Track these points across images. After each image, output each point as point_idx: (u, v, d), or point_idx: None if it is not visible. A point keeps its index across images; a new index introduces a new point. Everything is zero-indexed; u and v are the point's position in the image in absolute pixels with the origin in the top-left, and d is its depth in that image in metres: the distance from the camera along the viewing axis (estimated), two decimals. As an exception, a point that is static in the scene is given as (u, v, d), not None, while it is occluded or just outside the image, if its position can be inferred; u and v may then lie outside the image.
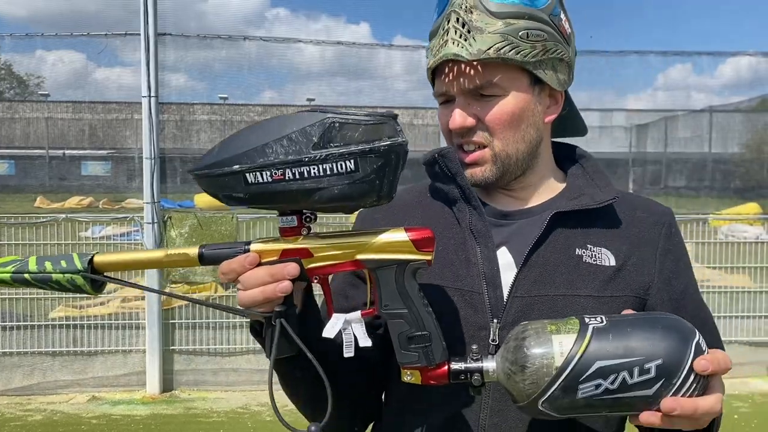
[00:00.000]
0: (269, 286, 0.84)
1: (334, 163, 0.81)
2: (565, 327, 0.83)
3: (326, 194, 0.82)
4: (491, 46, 0.95)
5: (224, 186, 0.83)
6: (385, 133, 0.82)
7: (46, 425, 4.38)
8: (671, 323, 0.82)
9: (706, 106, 14.66)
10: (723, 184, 15.17)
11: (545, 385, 0.80)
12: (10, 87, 28.95)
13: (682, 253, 1.09)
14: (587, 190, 1.06)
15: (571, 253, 1.02)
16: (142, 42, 4.93)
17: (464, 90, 1.00)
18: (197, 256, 0.88)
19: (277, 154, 0.81)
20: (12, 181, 21.24)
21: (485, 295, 1.00)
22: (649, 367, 0.78)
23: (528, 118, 1.02)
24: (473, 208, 1.04)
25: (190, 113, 13.84)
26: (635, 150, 20.23)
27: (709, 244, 5.77)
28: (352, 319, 0.88)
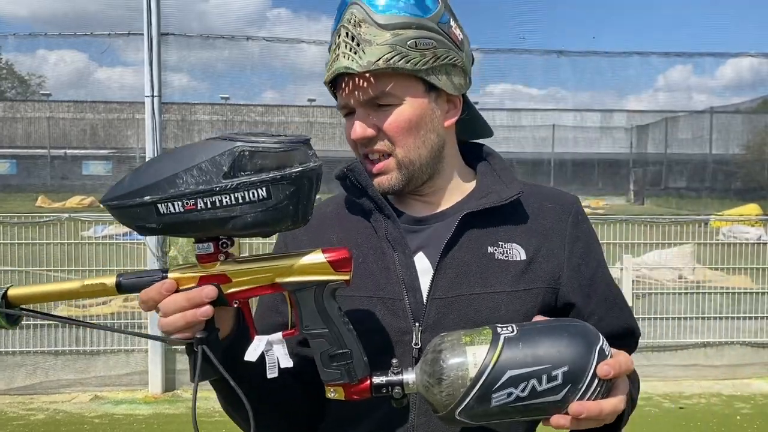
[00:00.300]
0: (189, 312, 0.85)
1: (246, 192, 0.80)
2: (479, 338, 0.86)
3: (240, 222, 0.82)
4: (380, 57, 0.98)
5: (136, 217, 0.83)
6: (297, 159, 0.82)
7: (49, 424, 4.39)
8: (577, 330, 0.86)
9: (707, 107, 14.66)
10: (724, 185, 15.19)
11: (461, 396, 0.84)
12: (12, 86, 28.98)
13: (589, 239, 1.13)
14: (494, 188, 1.10)
15: (483, 252, 1.05)
16: (145, 42, 4.95)
17: (361, 101, 1.03)
18: (114, 285, 0.87)
19: (187, 185, 0.80)
20: (14, 181, 21.25)
21: (405, 300, 1.03)
22: (557, 374, 0.83)
23: (426, 123, 1.05)
24: (387, 217, 1.07)
25: (191, 113, 13.86)
26: (636, 151, 20.25)
27: (710, 245, 5.78)
28: (273, 341, 0.90)
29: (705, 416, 4.57)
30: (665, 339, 5.40)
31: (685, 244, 5.81)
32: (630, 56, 6.06)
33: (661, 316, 5.44)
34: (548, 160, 18.21)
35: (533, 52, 5.89)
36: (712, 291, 5.57)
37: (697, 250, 5.85)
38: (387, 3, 0.99)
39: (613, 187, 22.57)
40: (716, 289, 5.58)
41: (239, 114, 17.58)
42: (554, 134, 17.98)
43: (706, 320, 5.47)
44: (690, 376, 5.36)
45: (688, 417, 4.56)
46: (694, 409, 4.73)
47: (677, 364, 5.38)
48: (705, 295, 5.54)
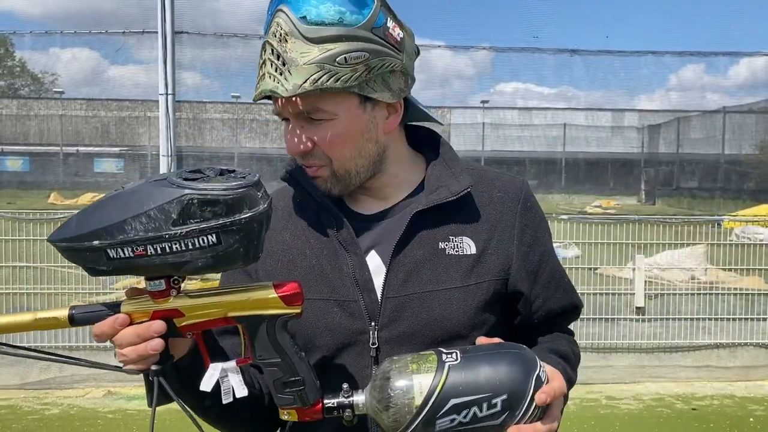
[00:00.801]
0: (140, 346, 0.87)
1: (196, 239, 0.80)
2: (425, 365, 0.91)
3: (190, 267, 0.82)
4: (307, 78, 0.94)
5: (86, 259, 0.83)
6: (246, 205, 0.81)
7: (63, 419, 4.43)
8: (517, 358, 0.92)
9: (720, 107, 14.57)
10: (737, 186, 15.09)
11: (407, 422, 0.89)
12: (25, 84, 29.20)
13: (538, 224, 1.13)
14: (444, 181, 1.08)
15: (435, 248, 1.05)
16: (160, 39, 4.97)
17: (295, 114, 1.01)
18: (67, 318, 0.88)
19: (136, 231, 0.80)
20: (27, 178, 21.41)
21: (361, 302, 1.04)
22: (496, 402, 0.89)
23: (363, 134, 1.03)
24: (334, 218, 1.07)
25: (203, 111, 13.91)
26: (648, 151, 20.15)
27: (722, 245, 5.74)
28: (228, 369, 0.91)
29: (718, 418, 4.55)
30: (677, 340, 5.37)
31: (698, 244, 5.78)
32: (644, 55, 6.03)
33: (673, 316, 5.42)
34: (560, 160, 18.16)
35: (546, 51, 5.88)
36: (724, 292, 5.54)
37: (709, 250, 5.82)
38: (316, 12, 0.94)
39: (625, 186, 22.48)
40: (729, 290, 5.54)
41: (250, 113, 17.63)
42: (565, 133, 17.93)
43: (718, 321, 5.44)
44: (702, 378, 5.33)
45: (700, 418, 4.54)
46: (706, 410, 4.71)
47: (689, 365, 5.35)
48: (718, 295, 5.51)
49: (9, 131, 20.59)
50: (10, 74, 29.42)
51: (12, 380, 5.00)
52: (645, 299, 5.40)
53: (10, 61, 28.63)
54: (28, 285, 5.22)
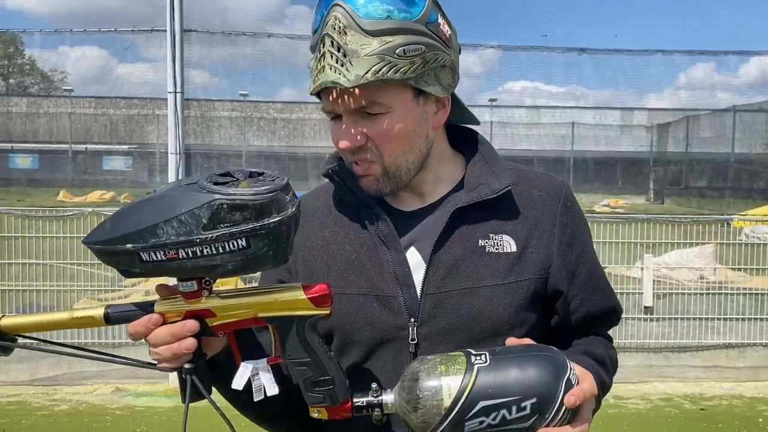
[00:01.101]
0: (174, 345, 0.88)
1: (226, 243, 0.82)
2: (454, 366, 0.91)
3: (221, 270, 0.84)
4: (368, 69, 0.95)
5: (120, 262, 0.85)
6: (274, 210, 0.83)
7: (72, 415, 4.45)
8: (547, 361, 0.91)
9: (730, 106, 14.49)
10: (747, 185, 15.00)
11: (436, 423, 0.89)
12: (35, 82, 29.36)
13: (578, 224, 1.13)
14: (484, 179, 1.09)
15: (475, 245, 1.05)
16: (168, 38, 4.98)
17: (349, 110, 1.01)
18: (102, 317, 0.90)
19: (168, 235, 0.82)
20: (36, 175, 21.53)
21: (400, 297, 1.04)
22: (525, 405, 0.88)
23: (416, 129, 1.04)
24: (375, 214, 1.07)
25: (211, 109, 13.95)
26: (656, 150, 20.06)
27: (732, 245, 5.71)
28: (260, 368, 0.93)
29: (726, 418, 4.53)
30: (686, 339, 5.35)
31: (707, 244, 5.75)
32: (653, 54, 6.00)
33: (682, 316, 5.39)
34: (568, 159, 18.10)
35: (555, 49, 5.86)
36: (734, 292, 5.51)
37: (718, 250, 5.78)
38: (373, 6, 0.95)
39: (634, 185, 22.39)
40: (738, 290, 5.51)
41: (258, 111, 17.68)
42: (574, 132, 17.87)
43: (727, 321, 5.41)
44: (711, 378, 5.31)
45: (709, 418, 4.52)
46: (715, 410, 4.69)
47: (698, 365, 5.32)
48: (727, 295, 5.48)
49: (19, 129, 20.71)
50: (20, 72, 29.60)
51: (21, 376, 5.03)
52: (653, 299, 5.37)
53: (19, 60, 28.77)
54: (37, 282, 5.25)
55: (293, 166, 16.57)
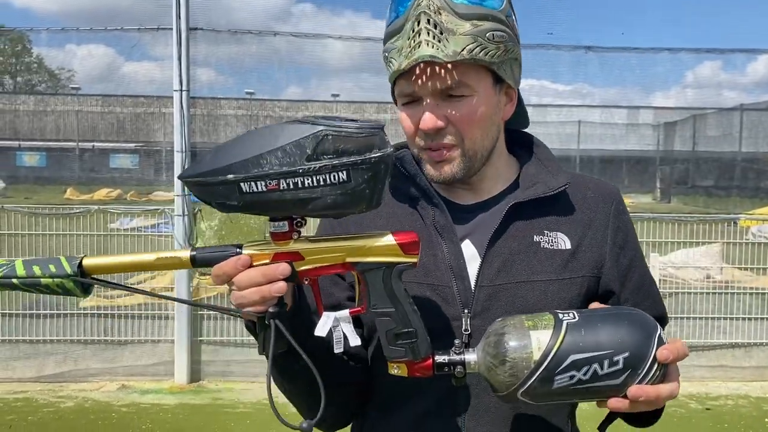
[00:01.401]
0: (264, 287, 0.87)
1: (328, 175, 0.83)
2: (541, 322, 0.90)
3: (320, 204, 0.84)
4: (464, 47, 0.98)
5: (218, 194, 0.85)
6: (376, 145, 0.84)
7: (78, 412, 4.48)
8: (637, 318, 0.90)
9: (737, 105, 14.42)
10: (754, 184, 14.92)
11: (524, 377, 0.87)
12: (42, 80, 29.47)
13: (629, 229, 1.15)
14: (541, 178, 1.11)
15: (530, 241, 1.07)
16: (174, 36, 5.00)
17: (435, 91, 1.02)
18: (189, 259, 0.89)
19: (271, 165, 0.83)
20: (44, 173, 21.63)
21: (454, 287, 1.05)
22: (618, 360, 0.86)
23: (493, 116, 1.06)
24: (435, 205, 1.09)
25: (217, 108, 13.96)
26: (663, 148, 19.98)
27: (738, 244, 5.68)
28: (341, 318, 0.92)
29: (732, 418, 4.51)
30: (692, 339, 5.32)
31: (713, 243, 5.72)
32: (659, 52, 5.97)
33: (688, 315, 5.37)
34: (574, 157, 18.04)
35: (561, 47, 5.84)
36: (740, 291, 5.48)
37: (725, 249, 5.76)
38: None
39: (640, 184, 22.31)
40: (745, 290, 5.49)
41: (264, 109, 17.71)
42: (580, 130, 17.82)
43: (734, 321, 5.39)
44: (717, 377, 5.29)
45: (715, 418, 4.50)
46: (721, 410, 4.67)
47: (704, 365, 5.30)
48: (733, 295, 5.45)
49: (26, 127, 20.80)
50: (28, 71, 29.71)
51: (28, 373, 5.06)
52: (659, 298, 5.35)
53: (27, 58, 28.88)
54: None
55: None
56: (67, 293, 0.89)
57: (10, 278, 0.88)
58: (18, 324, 5.10)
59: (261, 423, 4.28)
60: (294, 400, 1.08)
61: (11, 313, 5.12)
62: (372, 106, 21.72)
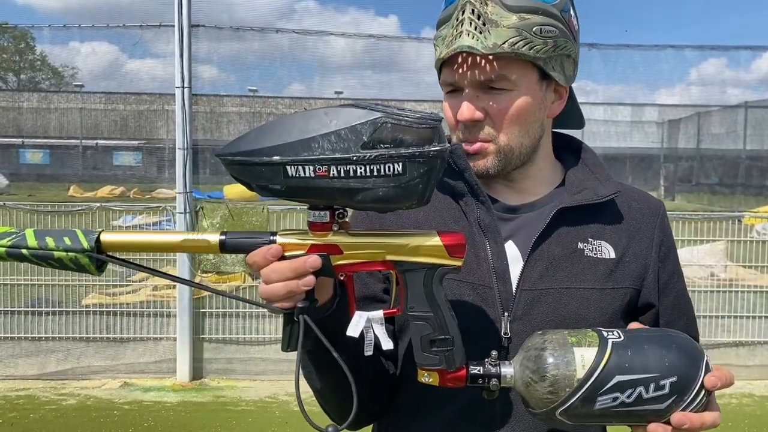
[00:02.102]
0: (292, 282, 0.83)
1: (383, 165, 0.78)
2: (585, 339, 0.86)
3: (370, 195, 0.79)
4: (506, 40, 0.95)
5: (260, 176, 0.80)
6: (435, 138, 0.79)
7: (80, 410, 4.48)
8: (684, 342, 0.87)
9: (741, 102, 14.34)
10: (758, 182, 14.85)
11: (566, 395, 0.83)
12: (46, 78, 29.49)
13: (671, 244, 1.14)
14: (589, 184, 1.09)
15: (574, 247, 1.05)
16: (176, 33, 4.98)
17: (475, 82, 1.01)
18: (218, 243, 0.84)
19: (323, 150, 0.77)
20: (47, 170, 21.66)
21: (495, 289, 1.03)
22: (664, 384, 0.83)
23: (534, 113, 1.03)
24: (481, 203, 1.06)
25: (220, 105, 13.94)
26: (667, 146, 19.90)
27: (743, 242, 5.65)
28: (374, 319, 0.87)
29: (736, 417, 4.49)
30: (696, 337, 5.30)
31: (718, 241, 5.69)
32: (663, 49, 5.94)
33: (691, 314, 5.35)
34: (577, 155, 17.98)
35: (564, 44, 5.79)
36: (744, 289, 5.45)
37: (729, 247, 5.72)
38: None
39: (644, 182, 22.21)
40: (749, 288, 5.46)
41: (267, 106, 17.67)
42: (584, 128, 17.76)
43: (738, 319, 5.36)
44: (721, 376, 5.26)
45: (718, 417, 4.48)
46: (725, 409, 4.63)
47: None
48: (737, 293, 5.43)
49: (30, 124, 20.81)
50: (31, 68, 29.75)
51: (30, 370, 5.06)
52: (663, 296, 5.32)
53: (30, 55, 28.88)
54: (45, 276, 5.27)
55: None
56: (81, 269, 0.85)
57: (19, 248, 0.83)
58: (20, 321, 5.10)
59: (263, 421, 4.27)
60: (322, 399, 1.04)
61: (13, 311, 5.12)
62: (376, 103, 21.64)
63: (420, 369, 0.89)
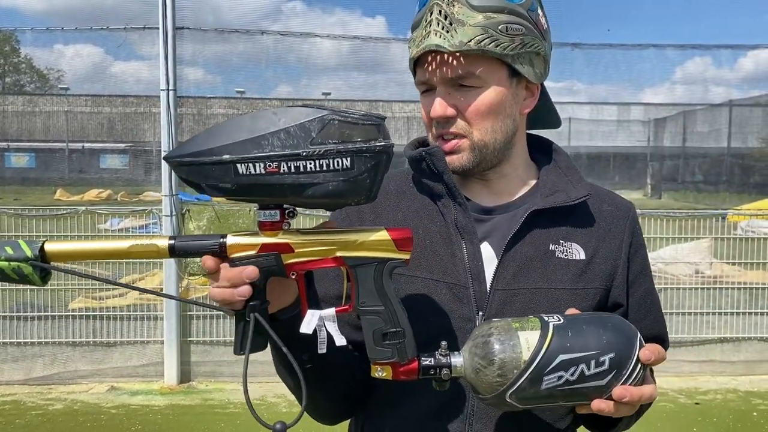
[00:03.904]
0: (227, 290, 0.84)
1: (331, 160, 0.80)
2: (528, 324, 0.90)
3: (320, 190, 0.81)
4: (472, 38, 0.99)
5: (209, 175, 0.81)
6: (380, 134, 0.83)
7: (67, 414, 4.45)
8: (619, 322, 0.93)
9: (726, 100, 14.48)
10: (742, 179, 15.01)
11: (514, 377, 0.87)
12: (31, 81, 29.26)
13: (641, 244, 1.17)
14: (561, 186, 1.12)
15: (545, 249, 1.08)
16: (161, 35, 4.97)
17: (445, 80, 1.04)
18: (168, 248, 0.84)
19: (273, 147, 0.79)
20: (32, 174, 21.49)
21: (471, 288, 1.05)
22: (604, 360, 0.88)
23: (505, 109, 1.06)
24: (458, 204, 1.08)
25: (207, 107, 13.90)
26: (653, 144, 20.05)
27: (727, 239, 5.71)
28: (326, 317, 0.89)
29: (721, 412, 4.54)
30: (681, 334, 5.35)
31: (702, 238, 5.75)
32: (646, 49, 5.99)
33: (677, 311, 5.40)
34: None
35: (548, 44, 5.83)
36: (729, 286, 5.51)
37: (714, 244, 5.78)
38: None
39: (630, 180, 22.39)
40: (733, 284, 5.52)
41: (254, 108, 17.62)
42: (570, 127, 17.85)
43: (723, 315, 5.42)
44: (706, 372, 5.32)
45: (704, 413, 4.52)
46: (710, 405, 4.70)
47: (693, 360, 5.33)
48: (722, 290, 5.48)
49: (15, 128, 20.64)
50: (16, 71, 29.51)
51: (16, 375, 5.03)
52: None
53: (15, 58, 28.66)
54: (31, 281, 5.22)
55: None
56: (24, 279, 0.83)
57: None
58: (5, 326, 5.06)
59: (251, 423, 4.26)
60: (297, 395, 1.05)
61: (-2, 316, 5.09)
62: (363, 104, 21.69)
63: (373, 364, 0.91)
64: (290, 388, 1.05)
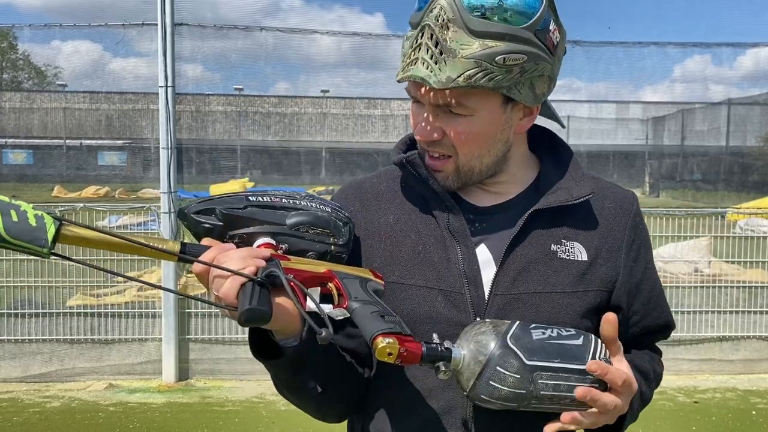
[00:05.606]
0: (250, 259, 0.85)
1: None
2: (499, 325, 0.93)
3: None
4: (461, 73, 0.91)
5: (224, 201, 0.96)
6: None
7: (64, 412, 4.44)
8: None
9: (725, 99, 14.46)
10: (741, 178, 14.99)
11: (504, 329, 0.91)
12: (29, 77, 29.21)
13: (644, 239, 1.14)
14: (563, 184, 1.08)
15: (547, 249, 1.05)
16: (159, 32, 4.95)
17: (433, 104, 0.99)
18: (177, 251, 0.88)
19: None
20: (30, 171, 21.45)
21: (467, 294, 1.02)
22: (570, 329, 0.96)
23: (496, 135, 1.02)
24: (449, 209, 1.05)
25: (205, 104, 13.87)
26: (652, 143, 20.05)
27: (726, 238, 5.71)
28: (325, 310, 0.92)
29: (720, 411, 4.54)
30: (680, 333, 5.35)
31: (701, 237, 5.74)
32: (646, 46, 5.98)
33: (676, 309, 5.39)
34: (563, 152, 18.07)
35: (548, 42, 5.81)
36: (728, 285, 5.51)
37: (713, 243, 5.78)
38: (484, 5, 0.90)
39: (629, 179, 22.39)
40: (732, 283, 5.51)
41: (253, 105, 17.59)
42: (569, 125, 17.86)
43: (721, 314, 5.42)
44: (705, 371, 5.32)
45: (702, 411, 4.52)
46: (709, 403, 4.69)
47: (692, 359, 5.33)
48: (721, 288, 5.48)
49: (12, 124, 20.57)
50: (14, 67, 29.44)
51: (13, 373, 5.01)
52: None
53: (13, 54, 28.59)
54: (29, 278, 5.22)
55: (286, 161, 16.54)
56: (28, 252, 0.79)
57: None
58: (2, 323, 5.05)
59: (249, 421, 4.26)
60: (306, 405, 1.08)
61: (-4, 313, 5.07)
62: (362, 101, 21.63)
63: (380, 336, 0.84)
64: (294, 404, 1.06)
